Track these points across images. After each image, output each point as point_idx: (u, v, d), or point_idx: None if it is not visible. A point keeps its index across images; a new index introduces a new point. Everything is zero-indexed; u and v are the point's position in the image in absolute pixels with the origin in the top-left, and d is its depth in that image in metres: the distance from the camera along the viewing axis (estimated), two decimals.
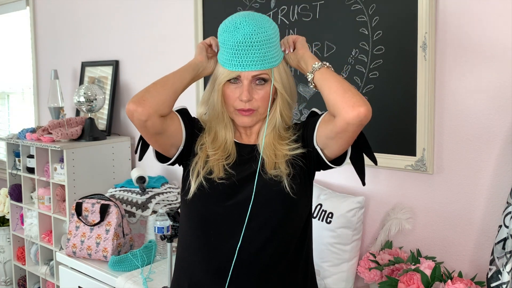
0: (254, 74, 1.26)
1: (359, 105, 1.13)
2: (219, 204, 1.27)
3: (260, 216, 1.25)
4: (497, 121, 1.65)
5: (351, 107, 1.13)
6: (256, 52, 1.25)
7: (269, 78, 1.28)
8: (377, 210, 1.97)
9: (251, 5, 2.28)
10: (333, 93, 1.18)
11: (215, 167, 1.28)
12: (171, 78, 1.29)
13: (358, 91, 1.20)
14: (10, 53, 4.13)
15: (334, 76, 1.22)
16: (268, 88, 1.28)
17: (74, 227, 2.32)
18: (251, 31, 1.24)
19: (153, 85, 1.27)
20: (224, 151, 1.31)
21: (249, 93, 1.26)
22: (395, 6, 1.82)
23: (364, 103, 1.14)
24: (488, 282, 1.47)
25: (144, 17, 2.86)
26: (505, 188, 1.65)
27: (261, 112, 1.30)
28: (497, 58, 1.64)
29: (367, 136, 1.30)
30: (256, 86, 1.27)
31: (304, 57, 1.30)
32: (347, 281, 1.90)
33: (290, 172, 1.26)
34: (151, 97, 1.22)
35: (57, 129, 2.78)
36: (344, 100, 1.15)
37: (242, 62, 1.25)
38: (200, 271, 1.29)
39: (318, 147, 1.27)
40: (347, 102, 1.14)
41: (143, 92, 1.24)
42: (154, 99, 1.22)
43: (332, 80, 1.21)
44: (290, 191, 1.24)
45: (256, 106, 1.28)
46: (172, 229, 1.88)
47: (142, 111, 1.20)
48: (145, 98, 1.22)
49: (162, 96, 1.24)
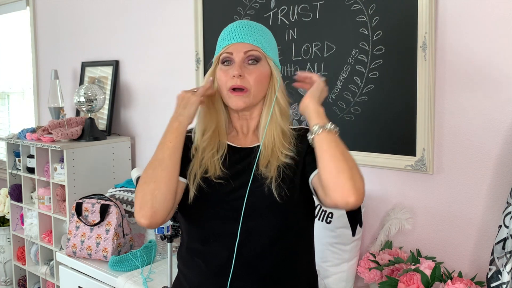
0: (246, 49, 1.25)
1: (348, 195, 1.07)
2: (217, 205, 1.26)
3: (256, 218, 1.23)
4: (497, 121, 1.65)
5: (340, 195, 1.07)
6: (249, 30, 1.27)
7: (261, 57, 1.27)
8: (377, 210, 1.97)
9: (251, 5, 2.28)
10: (326, 172, 1.11)
11: (210, 165, 1.27)
12: (168, 162, 1.20)
13: (354, 170, 1.10)
14: (10, 53, 4.13)
15: (331, 149, 1.12)
16: (262, 69, 1.27)
17: (74, 227, 2.32)
18: (249, 21, 1.31)
19: (155, 183, 1.18)
20: (214, 140, 1.29)
21: (240, 69, 1.24)
22: (395, 6, 1.82)
23: (355, 191, 1.06)
24: (488, 282, 1.47)
25: (144, 17, 2.86)
26: (505, 188, 1.65)
27: (254, 95, 1.27)
28: (497, 58, 1.64)
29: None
30: (249, 65, 1.26)
31: (308, 110, 1.21)
32: (347, 281, 1.91)
33: (277, 178, 1.22)
34: (159, 204, 1.17)
35: (57, 129, 2.78)
36: (335, 186, 1.08)
37: (234, 36, 1.27)
38: (201, 273, 1.28)
39: (311, 186, 1.24)
40: (337, 189, 1.08)
41: (149, 200, 1.17)
42: (164, 204, 1.18)
43: (327, 155, 1.12)
44: (276, 195, 1.20)
45: (248, 85, 1.25)
46: (172, 229, 1.88)
47: (157, 223, 1.18)
48: (155, 209, 1.16)
49: (170, 193, 1.19)
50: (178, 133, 1.23)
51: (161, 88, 2.80)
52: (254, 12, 2.27)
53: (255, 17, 2.26)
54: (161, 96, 2.79)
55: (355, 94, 1.96)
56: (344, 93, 1.99)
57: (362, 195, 1.08)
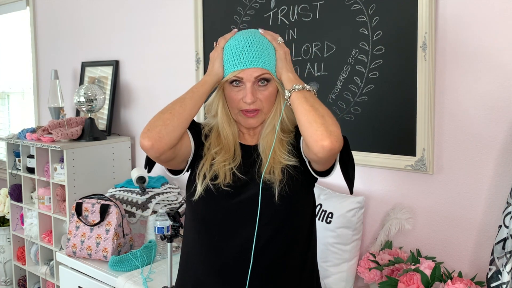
0: (257, 74, 1.26)
1: (321, 139, 1.10)
2: (223, 206, 1.28)
3: (262, 217, 1.25)
4: (497, 121, 1.65)
5: (314, 142, 1.11)
6: (258, 51, 1.26)
7: (271, 77, 1.28)
8: (377, 210, 1.97)
9: (251, 5, 2.28)
10: (300, 126, 1.17)
11: (221, 172, 1.29)
12: (189, 103, 1.25)
13: (327, 118, 1.14)
14: (10, 53, 4.13)
15: (301, 105, 1.17)
16: (271, 89, 1.29)
17: (74, 227, 2.32)
18: (251, 35, 1.30)
19: (170, 114, 1.22)
20: (228, 151, 1.32)
21: (253, 95, 1.26)
22: (395, 6, 1.82)
23: (327, 135, 1.10)
24: (488, 282, 1.47)
25: (144, 17, 2.86)
26: (505, 188, 1.65)
27: (266, 112, 1.31)
28: (497, 58, 1.64)
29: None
30: (259, 87, 1.28)
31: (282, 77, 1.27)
32: (347, 281, 1.90)
33: (283, 179, 1.26)
34: (167, 133, 1.19)
35: (57, 129, 2.78)
36: (308, 134, 1.13)
37: (244, 60, 1.26)
38: (204, 271, 1.30)
39: (306, 159, 1.28)
40: (311, 136, 1.12)
41: (160, 125, 1.20)
42: (171, 135, 1.20)
43: (299, 111, 1.17)
44: (278, 199, 1.24)
45: (261, 106, 1.29)
46: (172, 229, 1.88)
47: (158, 149, 1.19)
48: (162, 134, 1.19)
49: (179, 129, 1.22)
50: (205, 83, 1.28)
51: (161, 88, 2.80)
52: (254, 12, 2.27)
53: (255, 17, 2.26)
54: (161, 96, 2.79)
55: (355, 94, 1.96)
56: (344, 93, 1.99)
57: (336, 138, 1.11)
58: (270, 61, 1.28)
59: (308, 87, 1.22)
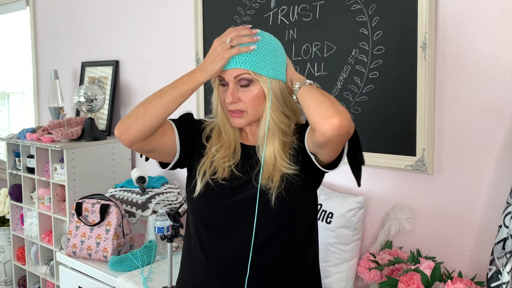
0: (235, 74, 1.23)
1: (331, 116, 1.09)
2: (221, 204, 1.28)
3: (260, 216, 1.25)
4: (497, 121, 1.65)
5: (323, 120, 1.10)
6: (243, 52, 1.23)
7: (253, 79, 1.24)
8: (377, 210, 1.97)
9: (251, 5, 2.28)
10: (310, 110, 1.16)
11: (220, 168, 1.29)
12: (166, 99, 1.22)
13: (336, 103, 1.15)
14: (10, 53, 4.13)
15: (311, 92, 1.18)
16: (255, 91, 1.25)
17: (74, 227, 2.32)
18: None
19: (144, 108, 1.22)
20: (228, 149, 1.31)
21: (232, 96, 1.24)
22: (395, 6, 1.82)
23: (336, 113, 1.10)
24: (488, 282, 1.47)
25: (144, 17, 2.86)
26: (505, 188, 1.65)
27: (252, 114, 1.27)
28: (497, 58, 1.64)
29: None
30: (242, 88, 1.25)
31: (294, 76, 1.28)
32: (347, 281, 1.90)
33: (281, 185, 1.24)
34: (136, 126, 1.21)
35: (57, 129, 2.78)
36: (317, 114, 1.13)
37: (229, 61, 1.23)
38: (204, 270, 1.30)
39: (311, 155, 1.26)
40: (320, 116, 1.12)
41: (132, 117, 1.22)
42: (139, 127, 1.21)
43: (309, 97, 1.18)
44: (274, 204, 1.23)
45: (244, 107, 1.26)
46: (172, 229, 1.88)
47: (125, 140, 1.22)
48: (130, 127, 1.21)
49: (151, 123, 1.22)
50: (193, 81, 1.23)
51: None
52: (254, 12, 2.27)
53: (255, 17, 2.26)
54: None
55: (355, 94, 1.96)
56: (344, 93, 1.99)
57: (345, 117, 1.10)
58: (256, 61, 1.23)
59: (317, 84, 1.23)
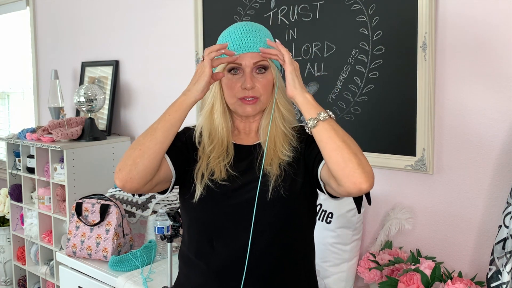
0: (255, 60, 1.24)
1: (360, 183, 1.07)
2: (222, 206, 1.27)
3: (260, 219, 1.24)
4: (497, 121, 1.65)
5: (352, 184, 1.07)
6: (255, 37, 1.25)
7: (269, 65, 1.26)
8: (377, 210, 1.97)
9: (251, 5, 2.28)
10: (333, 164, 1.10)
11: (216, 168, 1.27)
12: (159, 135, 1.18)
13: (358, 153, 1.10)
14: (10, 53, 4.13)
15: (331, 139, 1.11)
16: (269, 77, 1.27)
17: (74, 227, 2.32)
18: (248, 23, 1.29)
19: (140, 151, 1.16)
20: (221, 146, 1.29)
21: (252, 81, 1.24)
22: (395, 6, 1.82)
23: (365, 179, 1.06)
24: (488, 282, 1.47)
25: (144, 17, 2.86)
26: (505, 188, 1.65)
27: (263, 101, 1.28)
28: (497, 58, 1.64)
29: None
30: (257, 74, 1.26)
31: (297, 104, 1.19)
32: (347, 281, 1.90)
33: (281, 174, 1.24)
34: (137, 173, 1.15)
35: (57, 129, 2.78)
36: (345, 176, 1.08)
37: (244, 45, 1.24)
38: (203, 273, 1.29)
39: (321, 182, 1.24)
40: (349, 179, 1.07)
41: (129, 165, 1.16)
42: (141, 173, 1.16)
43: (330, 147, 1.11)
44: (282, 192, 1.22)
45: (259, 93, 1.26)
46: (172, 229, 1.88)
47: (130, 189, 1.17)
48: (132, 175, 1.15)
49: (151, 166, 1.17)
50: (180, 108, 1.20)
51: (161, 88, 2.80)
52: (254, 12, 2.27)
53: (255, 17, 2.26)
54: (161, 96, 2.79)
55: (355, 94, 1.96)
56: (344, 93, 1.99)
57: (372, 178, 1.09)
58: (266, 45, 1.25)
59: (331, 113, 1.15)
